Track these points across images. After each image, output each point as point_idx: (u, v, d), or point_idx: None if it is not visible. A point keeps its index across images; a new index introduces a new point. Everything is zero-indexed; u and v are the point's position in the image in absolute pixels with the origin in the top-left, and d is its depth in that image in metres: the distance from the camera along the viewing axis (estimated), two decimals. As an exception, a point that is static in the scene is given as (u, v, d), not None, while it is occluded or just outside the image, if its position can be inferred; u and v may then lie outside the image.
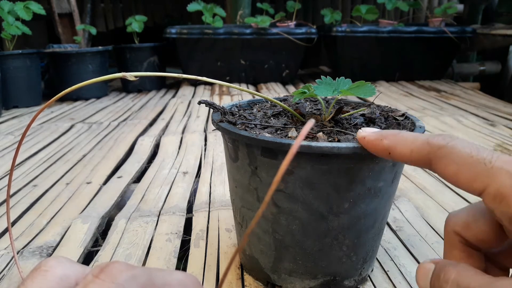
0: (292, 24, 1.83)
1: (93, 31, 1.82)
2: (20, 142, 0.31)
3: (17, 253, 0.50)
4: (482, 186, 0.22)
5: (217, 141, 0.96)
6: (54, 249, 0.52)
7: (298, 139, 0.15)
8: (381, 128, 0.38)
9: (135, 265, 0.18)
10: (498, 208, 0.21)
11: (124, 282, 0.16)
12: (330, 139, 0.34)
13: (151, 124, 1.21)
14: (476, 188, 0.22)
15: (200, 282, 0.24)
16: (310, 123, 0.16)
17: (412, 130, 0.37)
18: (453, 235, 0.25)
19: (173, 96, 1.67)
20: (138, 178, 0.77)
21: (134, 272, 0.17)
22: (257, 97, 0.46)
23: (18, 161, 0.87)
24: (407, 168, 0.77)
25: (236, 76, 1.85)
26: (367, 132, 0.30)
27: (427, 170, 0.77)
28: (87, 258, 0.51)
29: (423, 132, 0.36)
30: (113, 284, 0.16)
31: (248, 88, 1.77)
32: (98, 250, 0.52)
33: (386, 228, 0.55)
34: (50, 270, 0.17)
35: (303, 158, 0.33)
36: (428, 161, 0.25)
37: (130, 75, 0.32)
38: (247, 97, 1.55)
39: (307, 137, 0.35)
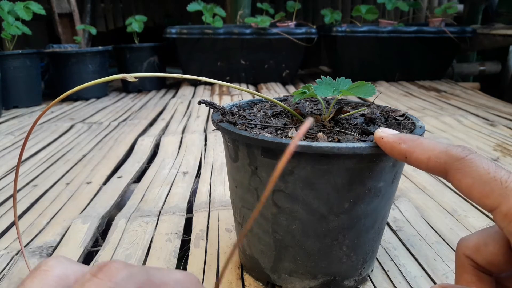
0: (292, 24, 1.83)
1: (93, 31, 1.82)
2: (26, 138, 0.31)
3: (16, 254, 0.50)
4: (494, 203, 0.22)
5: (217, 141, 0.96)
6: (54, 249, 0.52)
7: (295, 139, 0.15)
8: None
9: (133, 264, 0.17)
10: (508, 228, 0.21)
11: (121, 280, 0.16)
12: (330, 139, 0.34)
13: (151, 124, 1.21)
14: (488, 205, 0.22)
15: (200, 281, 0.23)
16: (308, 122, 0.16)
17: (412, 130, 0.37)
18: (464, 258, 0.25)
19: (173, 96, 1.67)
20: (138, 178, 0.77)
21: (132, 271, 0.17)
22: (257, 97, 0.46)
23: (18, 161, 0.87)
24: (407, 168, 0.77)
25: (236, 76, 1.85)
26: (386, 133, 0.30)
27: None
28: (87, 258, 0.51)
29: (423, 132, 0.36)
30: (110, 282, 0.16)
31: (248, 88, 1.77)
32: (98, 250, 0.52)
33: (386, 228, 0.55)
34: (49, 270, 0.17)
35: (303, 158, 0.33)
36: (444, 171, 0.25)
37: (130, 76, 0.32)
38: (247, 97, 1.55)
39: (307, 137, 0.35)
